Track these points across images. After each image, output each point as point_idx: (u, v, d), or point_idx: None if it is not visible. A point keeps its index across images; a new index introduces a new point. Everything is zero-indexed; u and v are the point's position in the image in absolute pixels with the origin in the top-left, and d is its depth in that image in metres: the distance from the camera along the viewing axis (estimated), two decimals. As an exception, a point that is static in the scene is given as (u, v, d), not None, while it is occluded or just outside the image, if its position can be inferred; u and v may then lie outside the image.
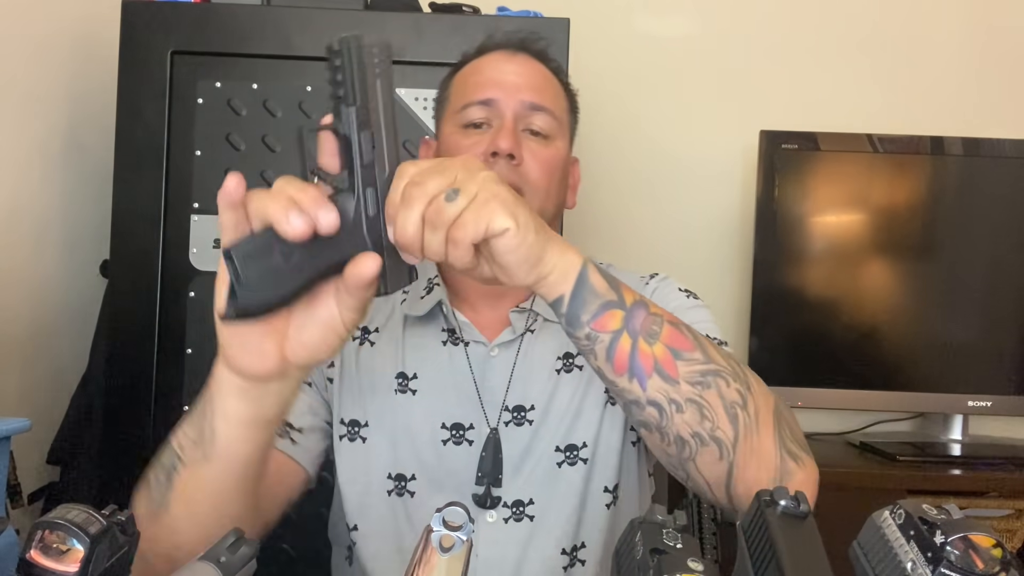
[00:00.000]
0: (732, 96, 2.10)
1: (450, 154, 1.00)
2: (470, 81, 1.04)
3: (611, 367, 0.73)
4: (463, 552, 0.58)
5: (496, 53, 1.05)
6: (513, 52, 1.05)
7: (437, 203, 0.64)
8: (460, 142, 1.01)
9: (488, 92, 1.01)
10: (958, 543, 0.48)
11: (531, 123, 1.01)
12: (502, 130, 0.98)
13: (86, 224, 1.78)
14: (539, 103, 1.01)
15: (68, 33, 1.74)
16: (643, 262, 2.13)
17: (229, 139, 1.54)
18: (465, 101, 1.01)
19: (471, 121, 1.01)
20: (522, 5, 1.65)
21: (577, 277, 0.72)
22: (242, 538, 0.59)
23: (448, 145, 1.02)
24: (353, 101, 0.65)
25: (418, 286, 1.07)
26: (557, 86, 1.07)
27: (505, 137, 0.97)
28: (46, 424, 1.65)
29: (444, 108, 1.08)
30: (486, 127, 1.01)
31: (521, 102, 1.00)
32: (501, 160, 0.97)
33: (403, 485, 1.00)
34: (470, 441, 0.99)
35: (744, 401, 0.75)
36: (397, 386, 1.02)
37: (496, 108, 1.00)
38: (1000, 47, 2.11)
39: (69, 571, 0.53)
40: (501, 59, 1.04)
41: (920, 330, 1.93)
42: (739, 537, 0.53)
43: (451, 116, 1.04)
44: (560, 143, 1.04)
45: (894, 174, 1.94)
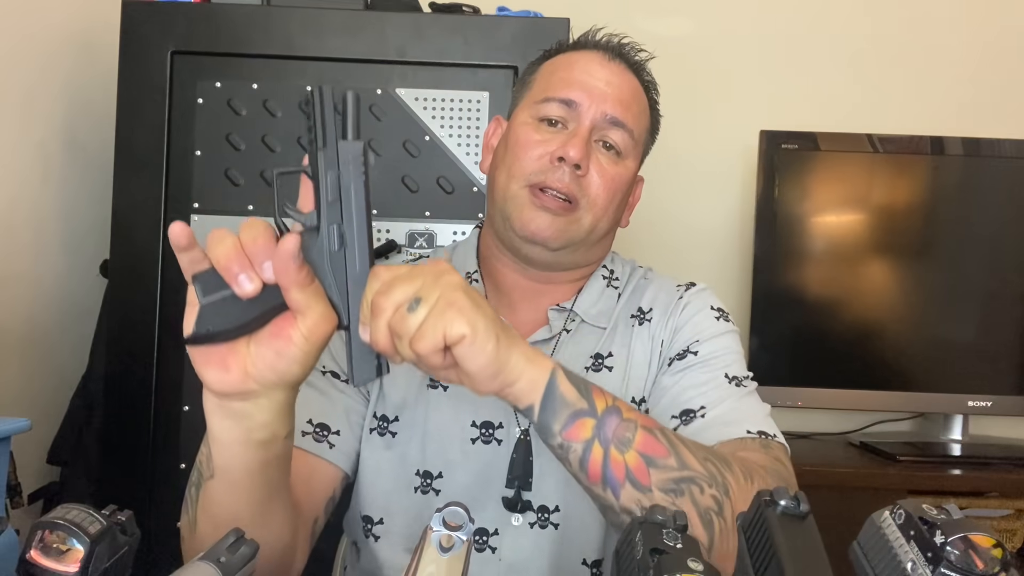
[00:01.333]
0: (732, 96, 2.10)
1: (518, 143, 0.98)
2: (558, 75, 1.00)
3: (584, 475, 0.73)
4: (463, 552, 0.58)
5: (593, 53, 1.02)
6: (610, 57, 1.02)
7: (400, 312, 0.66)
8: (531, 135, 0.97)
9: (573, 93, 0.98)
10: (958, 543, 0.48)
11: (607, 136, 0.98)
12: (575, 137, 0.95)
13: (86, 224, 1.78)
14: (620, 119, 0.98)
15: (68, 33, 1.74)
16: (643, 262, 2.13)
17: (229, 139, 1.54)
18: (547, 94, 0.98)
19: (548, 116, 0.98)
20: (522, 5, 1.65)
21: (546, 386, 0.72)
22: (242, 538, 0.59)
23: (518, 135, 0.99)
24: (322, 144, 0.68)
25: None
26: (644, 103, 1.04)
27: (576, 145, 0.94)
28: (46, 424, 1.65)
29: (524, 92, 1.04)
30: (561, 127, 0.98)
31: (603, 113, 0.97)
32: (566, 167, 0.95)
33: (429, 483, 0.98)
34: (499, 440, 0.98)
35: (720, 507, 0.74)
36: (429, 382, 1.00)
37: (576, 111, 0.97)
38: (1000, 47, 2.11)
39: (69, 571, 0.53)
40: (595, 61, 1.01)
41: (920, 330, 1.93)
42: (739, 537, 0.53)
43: (529, 104, 1.01)
44: (631, 162, 1.01)
45: (894, 174, 1.94)
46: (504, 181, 0.98)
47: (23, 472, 1.43)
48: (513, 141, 0.99)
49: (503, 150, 1.01)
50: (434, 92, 1.55)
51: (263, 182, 1.54)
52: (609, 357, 1.01)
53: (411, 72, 1.55)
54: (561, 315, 1.02)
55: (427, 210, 1.56)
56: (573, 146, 0.94)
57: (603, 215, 0.99)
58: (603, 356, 1.01)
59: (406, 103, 1.55)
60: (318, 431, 0.95)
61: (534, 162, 0.96)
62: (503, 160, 1.00)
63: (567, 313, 1.02)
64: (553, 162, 0.95)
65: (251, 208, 1.54)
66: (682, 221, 2.11)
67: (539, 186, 0.95)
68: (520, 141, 0.98)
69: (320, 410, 0.96)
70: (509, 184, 0.97)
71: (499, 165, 1.01)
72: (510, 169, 0.97)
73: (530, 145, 0.97)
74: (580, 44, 1.04)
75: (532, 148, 0.97)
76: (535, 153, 0.96)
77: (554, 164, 0.95)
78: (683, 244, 2.10)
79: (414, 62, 1.54)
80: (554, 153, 0.95)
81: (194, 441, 1.63)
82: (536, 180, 0.95)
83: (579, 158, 0.94)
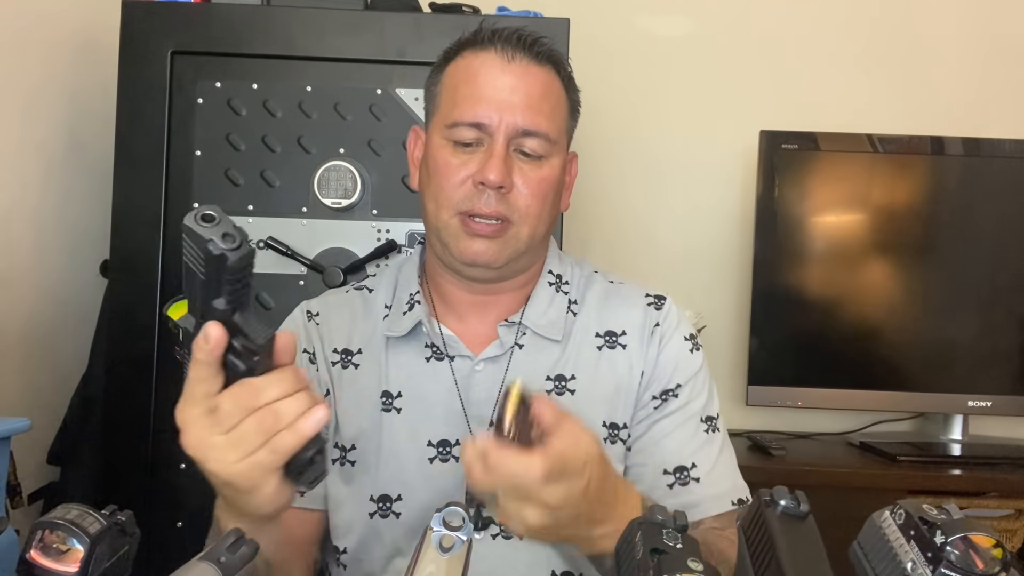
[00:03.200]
0: (732, 96, 2.10)
1: (438, 170, 0.97)
2: (461, 92, 0.97)
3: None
4: (463, 552, 0.58)
5: (490, 54, 0.98)
6: (510, 56, 0.97)
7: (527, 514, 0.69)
8: (448, 160, 0.96)
9: (479, 114, 0.95)
10: (958, 543, 0.48)
11: (523, 145, 0.96)
12: (492, 158, 0.94)
13: (86, 224, 1.78)
14: (533, 128, 0.96)
15: (68, 33, 1.74)
16: (643, 262, 2.15)
17: (229, 139, 1.54)
18: (455, 118, 0.96)
19: (460, 140, 0.96)
20: (522, 5, 1.65)
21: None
22: (242, 538, 0.59)
23: (436, 160, 0.97)
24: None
25: (400, 302, 1.04)
26: (557, 93, 1.00)
27: (494, 168, 0.93)
28: (46, 424, 1.65)
29: (433, 106, 1.02)
30: (476, 145, 0.96)
31: (514, 127, 0.95)
32: (489, 190, 0.94)
33: (388, 507, 0.97)
34: (456, 458, 0.97)
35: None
36: (382, 405, 1.00)
37: (487, 131, 0.95)
38: (1000, 47, 2.11)
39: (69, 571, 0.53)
40: (496, 67, 0.97)
41: (920, 330, 1.93)
42: (739, 537, 0.53)
43: (440, 124, 0.98)
44: (555, 159, 0.99)
45: (894, 174, 1.94)
46: (434, 209, 0.98)
47: (23, 472, 1.44)
48: (433, 167, 0.98)
49: (426, 174, 1.00)
50: (434, 92, 1.55)
51: (263, 182, 1.54)
52: (572, 380, 1.00)
53: (411, 72, 1.55)
54: (511, 329, 1.01)
55: (427, 210, 1.56)
56: (491, 169, 0.93)
57: (538, 222, 0.98)
58: (565, 378, 1.00)
59: (406, 103, 1.55)
60: None
61: (457, 189, 0.95)
62: (428, 186, 0.99)
63: (516, 327, 1.01)
64: (476, 186, 0.94)
65: (251, 208, 1.54)
66: (682, 221, 2.11)
67: (468, 213, 0.95)
68: (439, 167, 0.97)
69: None
70: (439, 213, 0.97)
71: (426, 190, 1.00)
72: (436, 197, 0.97)
73: (449, 171, 0.96)
74: (478, 41, 0.99)
75: (452, 174, 0.96)
76: (456, 179, 0.95)
77: (477, 188, 0.94)
78: (683, 244, 2.10)
79: (414, 62, 1.54)
80: (475, 178, 0.94)
81: (194, 441, 1.62)
82: (464, 208, 0.95)
83: (500, 180, 0.93)
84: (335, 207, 1.54)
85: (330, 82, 1.55)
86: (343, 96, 1.55)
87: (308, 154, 1.54)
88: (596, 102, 1.97)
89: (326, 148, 1.54)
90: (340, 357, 1.04)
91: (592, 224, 2.04)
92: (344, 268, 1.51)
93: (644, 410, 1.01)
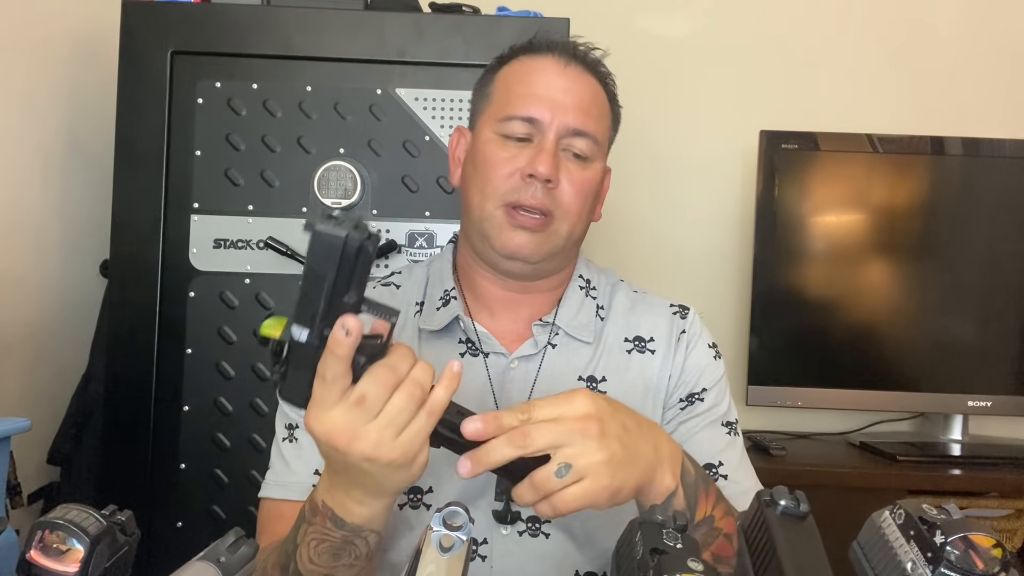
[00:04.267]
0: (732, 96, 2.10)
1: (486, 162, 0.99)
2: (517, 90, 1.00)
3: None
4: (463, 552, 0.58)
5: (548, 59, 1.01)
6: (567, 62, 1.01)
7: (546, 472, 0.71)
8: (497, 153, 0.98)
9: (534, 110, 0.98)
10: (958, 543, 0.48)
11: (572, 145, 0.99)
12: (542, 153, 0.96)
13: (86, 224, 1.78)
14: (583, 129, 0.99)
15: (68, 33, 1.74)
16: (644, 262, 2.14)
17: (229, 139, 1.54)
18: (509, 112, 0.99)
19: (512, 134, 0.98)
20: (522, 5, 1.65)
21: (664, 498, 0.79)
22: (242, 538, 0.59)
23: (485, 153, 0.99)
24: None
25: (433, 298, 1.06)
26: (604, 102, 1.05)
27: (544, 161, 0.95)
28: (46, 424, 1.65)
29: (485, 104, 1.04)
30: (526, 141, 0.98)
31: (566, 126, 0.98)
32: (538, 183, 0.96)
33: (419, 498, 0.98)
34: None
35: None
36: None
37: (539, 126, 0.98)
38: (1000, 47, 2.11)
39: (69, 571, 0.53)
40: (552, 70, 1.00)
41: (920, 330, 1.93)
42: (739, 537, 0.53)
43: (491, 120, 1.01)
44: (598, 163, 1.02)
45: (894, 174, 1.94)
46: (478, 201, 0.99)
47: (23, 472, 1.44)
48: (481, 160, 1.00)
49: (471, 168, 1.02)
50: (434, 92, 1.55)
51: (263, 182, 1.54)
52: (603, 382, 1.02)
53: (411, 72, 1.55)
54: (545, 329, 1.03)
55: (427, 210, 1.56)
56: (541, 162, 0.95)
57: (577, 221, 1.01)
58: (596, 380, 1.03)
59: (406, 103, 1.55)
60: None
61: (505, 180, 0.97)
62: (474, 179, 1.01)
63: (550, 327, 1.04)
64: (524, 179, 0.96)
65: (251, 208, 1.54)
66: (682, 221, 2.11)
67: (513, 205, 0.97)
68: (488, 159, 0.99)
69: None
70: (484, 204, 0.98)
71: (470, 183, 1.01)
72: (483, 189, 0.98)
73: (498, 163, 0.98)
74: (534, 48, 1.03)
75: (501, 166, 0.97)
76: (504, 171, 0.97)
77: (525, 181, 0.96)
78: (683, 244, 2.10)
79: (414, 62, 1.54)
80: (524, 170, 0.96)
81: (194, 441, 1.63)
82: (510, 199, 0.97)
83: (549, 173, 0.95)
84: (335, 207, 1.54)
85: (330, 82, 1.55)
86: (343, 96, 1.55)
87: (308, 154, 1.54)
88: (596, 102, 1.98)
89: (326, 148, 1.54)
90: None
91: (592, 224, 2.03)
92: (344, 268, 1.51)
93: (671, 411, 1.03)
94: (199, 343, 1.53)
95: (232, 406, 1.52)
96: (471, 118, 1.08)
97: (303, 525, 0.80)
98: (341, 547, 0.78)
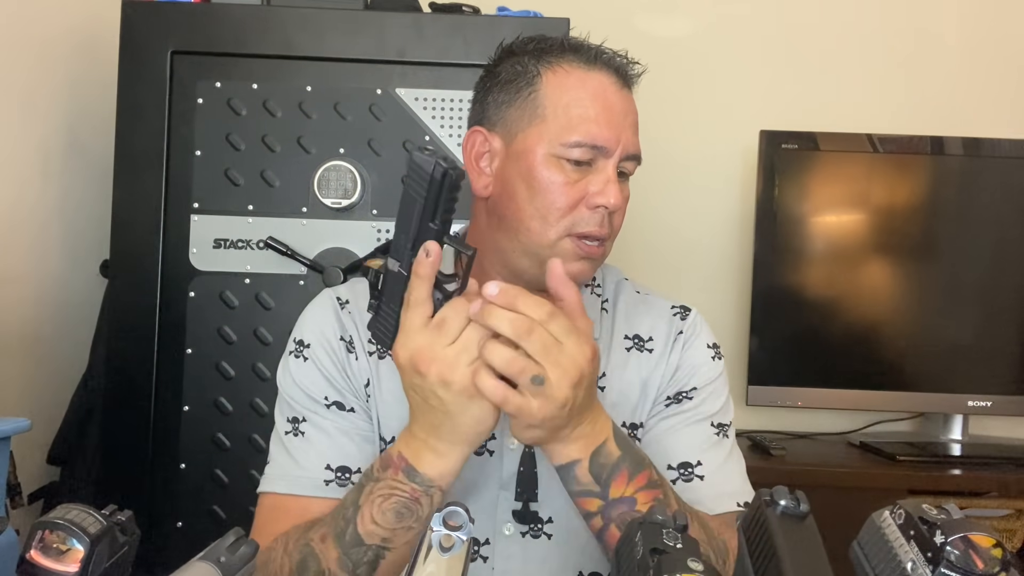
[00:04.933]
0: (732, 96, 2.10)
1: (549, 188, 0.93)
2: (579, 111, 0.94)
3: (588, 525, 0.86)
4: (463, 552, 0.58)
5: (605, 76, 0.96)
6: (622, 84, 0.98)
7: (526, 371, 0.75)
8: (557, 177, 0.93)
9: (601, 138, 0.93)
10: (958, 543, 0.48)
11: (626, 168, 0.97)
12: (611, 184, 0.93)
13: (86, 224, 1.78)
14: (636, 152, 0.97)
15: (68, 33, 1.74)
16: (643, 262, 2.14)
17: (229, 139, 1.54)
18: (576, 138, 0.93)
19: (575, 159, 0.93)
20: (522, 5, 1.65)
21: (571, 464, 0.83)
22: (242, 538, 0.59)
23: (544, 176, 0.94)
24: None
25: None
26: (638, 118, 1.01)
27: (614, 193, 0.93)
28: (46, 424, 1.65)
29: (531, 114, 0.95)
30: (587, 164, 0.94)
31: (626, 152, 0.95)
32: (603, 211, 0.93)
33: None
34: (490, 452, 0.97)
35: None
36: None
37: (603, 153, 0.94)
38: (1000, 47, 2.11)
39: (69, 571, 0.53)
40: (611, 90, 0.96)
41: (920, 330, 1.93)
42: (739, 537, 0.53)
43: (549, 138, 0.94)
44: None
45: (894, 174, 1.94)
46: (539, 227, 0.94)
47: (23, 472, 1.43)
48: (542, 184, 0.94)
49: (524, 187, 0.95)
50: (434, 92, 1.55)
51: (263, 182, 1.54)
52: (603, 378, 1.01)
53: (411, 72, 1.55)
54: None
55: (427, 210, 1.56)
56: (611, 194, 0.93)
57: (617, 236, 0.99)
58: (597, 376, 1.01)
59: (406, 103, 1.55)
60: (340, 475, 0.95)
61: (571, 209, 0.93)
62: (530, 200, 0.94)
63: None
64: (593, 209, 0.93)
65: (251, 208, 1.54)
66: (682, 221, 2.11)
67: (580, 235, 0.94)
68: (552, 185, 0.93)
69: (335, 453, 0.96)
70: (546, 231, 0.94)
71: (524, 204, 0.95)
72: (545, 216, 0.93)
73: (563, 190, 0.93)
74: (585, 56, 0.97)
75: (566, 193, 0.93)
76: (570, 199, 0.93)
77: (593, 211, 0.93)
78: (683, 244, 2.10)
79: (414, 62, 1.54)
80: (592, 200, 0.93)
81: (194, 441, 1.64)
82: (579, 230, 0.93)
83: (618, 205, 0.93)
84: (335, 207, 1.54)
85: (330, 82, 1.55)
86: (343, 96, 1.55)
87: (308, 154, 1.54)
88: (596, 102, 1.97)
89: (326, 148, 1.54)
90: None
91: (592, 224, 2.04)
92: (344, 268, 1.51)
93: (656, 407, 1.02)
94: (199, 343, 1.53)
95: (232, 406, 1.52)
96: (495, 121, 0.98)
97: (368, 484, 0.82)
98: (407, 505, 0.80)
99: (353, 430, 0.97)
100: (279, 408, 1.01)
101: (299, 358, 0.99)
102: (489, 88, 1.00)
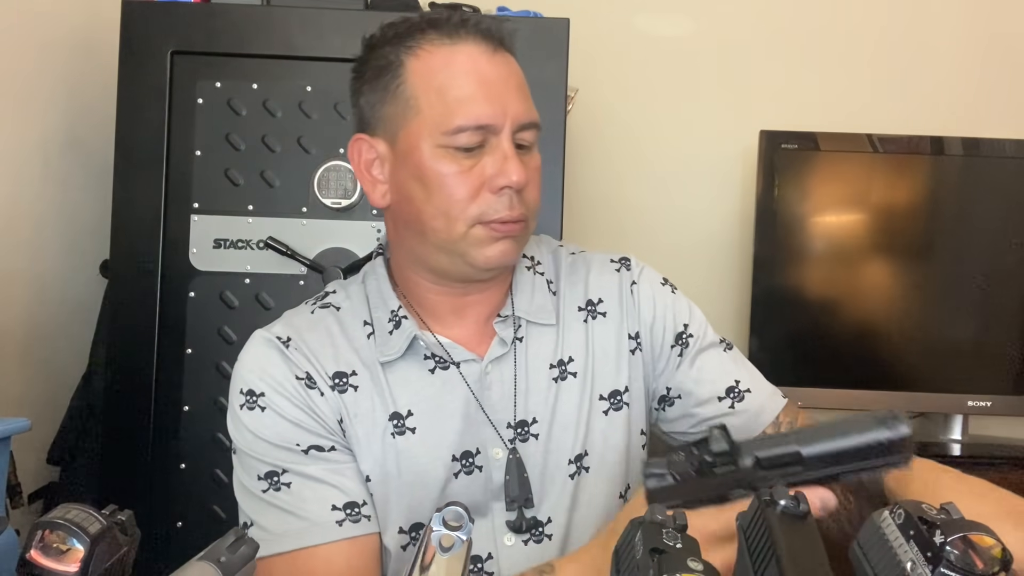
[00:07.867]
0: (732, 96, 2.10)
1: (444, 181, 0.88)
2: (453, 93, 0.88)
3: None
4: (463, 552, 0.58)
5: (471, 45, 0.89)
6: (494, 47, 0.90)
7: None
8: (450, 168, 0.88)
9: (484, 116, 0.87)
10: (958, 543, 0.48)
11: (523, 139, 0.91)
12: (508, 161, 0.87)
13: (86, 224, 1.78)
14: (530, 120, 0.90)
15: (68, 33, 1.74)
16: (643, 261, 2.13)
17: (229, 139, 1.54)
18: (456, 124, 0.87)
19: (463, 146, 0.88)
20: (522, 5, 1.65)
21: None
22: (242, 538, 0.59)
23: (438, 171, 0.88)
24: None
25: (381, 322, 0.95)
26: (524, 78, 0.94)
27: (515, 170, 0.87)
28: (46, 424, 1.65)
29: (405, 110, 0.89)
30: (478, 148, 0.88)
31: (517, 122, 0.89)
32: (510, 192, 0.88)
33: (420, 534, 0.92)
34: (479, 467, 0.94)
35: None
36: (393, 429, 0.92)
37: (492, 130, 0.88)
38: (1000, 47, 2.11)
39: (69, 571, 0.53)
40: (483, 60, 0.89)
41: (920, 330, 1.93)
42: (739, 537, 0.53)
43: (428, 131, 0.88)
44: (536, 146, 0.94)
45: (894, 174, 1.94)
46: (444, 224, 0.89)
47: (23, 472, 1.43)
48: (435, 180, 0.88)
49: (419, 188, 0.90)
50: (434, 92, 1.55)
51: (263, 182, 1.54)
52: (571, 363, 0.98)
53: (411, 72, 1.55)
54: (507, 324, 0.97)
55: (427, 210, 1.56)
56: (513, 171, 0.87)
57: (538, 209, 0.95)
58: (564, 362, 0.98)
59: (406, 103, 1.55)
60: (350, 511, 0.90)
61: (473, 199, 0.88)
62: (428, 201, 0.89)
63: (511, 319, 0.97)
64: (497, 192, 0.88)
65: (251, 208, 1.54)
66: (682, 221, 2.11)
67: (494, 221, 0.89)
68: (445, 179, 0.88)
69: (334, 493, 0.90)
70: (452, 227, 0.89)
71: (422, 206, 0.90)
72: (447, 212, 0.88)
73: (459, 181, 0.88)
74: (443, 28, 0.90)
75: (463, 184, 0.88)
76: (469, 188, 0.88)
77: (498, 194, 0.88)
78: (683, 244, 2.10)
79: (414, 62, 1.54)
80: (494, 183, 0.88)
81: (194, 441, 1.63)
82: (488, 217, 0.88)
83: (523, 180, 0.88)
84: (335, 207, 1.54)
85: (330, 82, 1.55)
86: (343, 96, 1.53)
87: (308, 154, 1.54)
88: (596, 102, 1.98)
89: (326, 148, 1.54)
90: (335, 381, 0.93)
91: (592, 224, 2.04)
92: (344, 268, 1.51)
93: (669, 360, 1.02)
94: (199, 343, 1.53)
95: (232, 406, 1.52)
96: (375, 124, 0.93)
97: None
98: None
99: (342, 467, 0.91)
100: (243, 468, 0.92)
101: (253, 409, 0.90)
102: (359, 90, 0.95)
